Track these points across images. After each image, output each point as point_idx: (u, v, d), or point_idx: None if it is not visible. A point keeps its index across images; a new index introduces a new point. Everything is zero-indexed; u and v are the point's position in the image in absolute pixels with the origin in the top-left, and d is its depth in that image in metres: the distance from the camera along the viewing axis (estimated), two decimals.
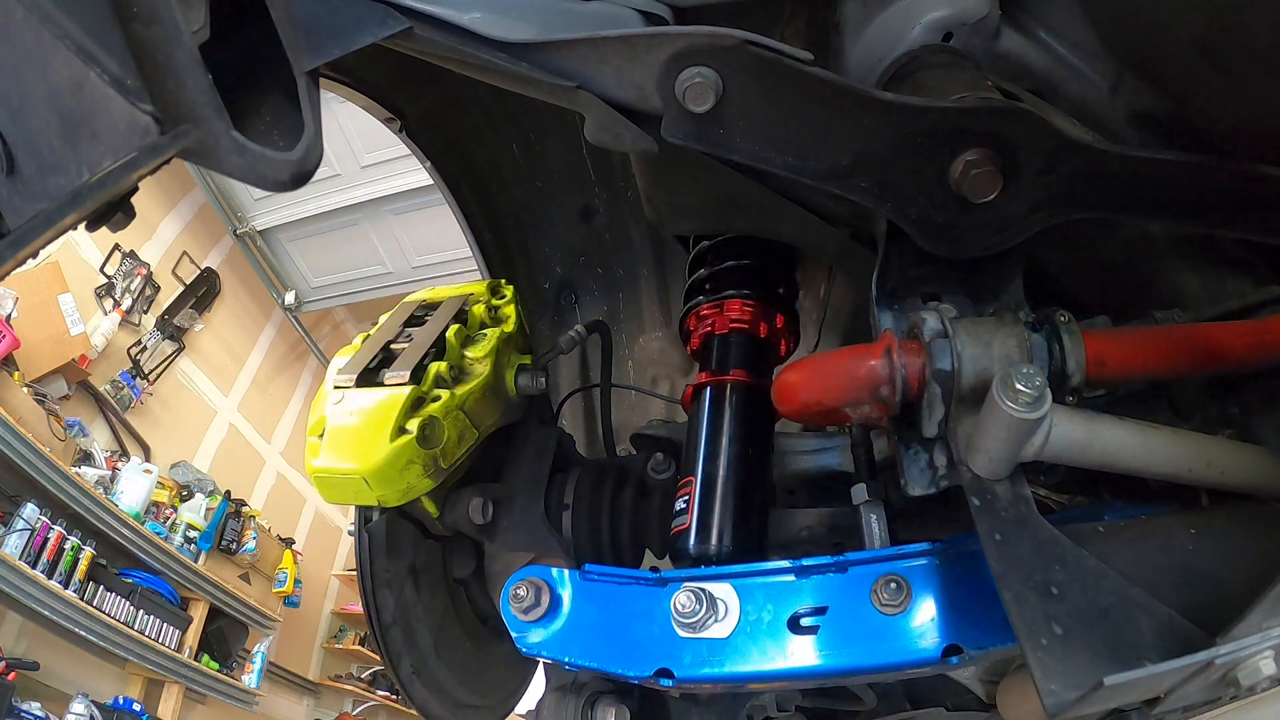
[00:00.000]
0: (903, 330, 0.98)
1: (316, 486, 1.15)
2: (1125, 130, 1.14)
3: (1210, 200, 0.96)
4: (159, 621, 6.11)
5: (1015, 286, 1.06)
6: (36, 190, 0.57)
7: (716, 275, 1.39)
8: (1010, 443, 0.81)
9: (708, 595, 1.00)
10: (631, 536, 1.32)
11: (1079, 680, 0.68)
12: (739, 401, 1.26)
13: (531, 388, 1.34)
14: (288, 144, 0.70)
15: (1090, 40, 1.13)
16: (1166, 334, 0.93)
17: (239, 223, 7.46)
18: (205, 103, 0.62)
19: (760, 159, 0.96)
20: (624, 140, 0.96)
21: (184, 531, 6.68)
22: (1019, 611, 0.73)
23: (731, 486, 1.19)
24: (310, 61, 0.74)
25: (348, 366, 1.23)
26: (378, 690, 8.82)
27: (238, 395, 8.18)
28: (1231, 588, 0.77)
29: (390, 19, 0.83)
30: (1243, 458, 0.88)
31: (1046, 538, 0.79)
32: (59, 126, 0.56)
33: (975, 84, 0.99)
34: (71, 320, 5.83)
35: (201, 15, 0.62)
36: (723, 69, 0.90)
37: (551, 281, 2.08)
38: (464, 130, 1.80)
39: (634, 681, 1.04)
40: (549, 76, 0.91)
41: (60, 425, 5.58)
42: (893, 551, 0.99)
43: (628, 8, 1.00)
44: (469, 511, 1.22)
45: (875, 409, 0.95)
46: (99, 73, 0.57)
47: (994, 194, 0.94)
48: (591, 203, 1.96)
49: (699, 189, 1.22)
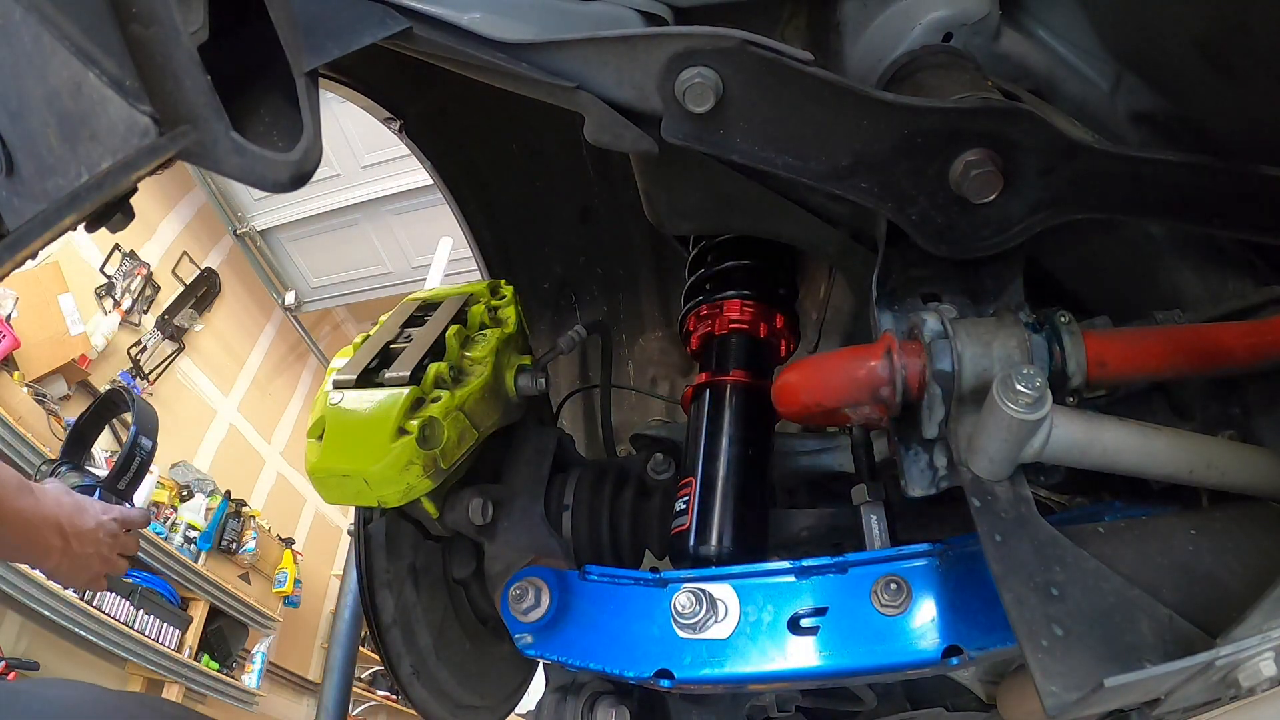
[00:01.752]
0: (903, 331, 0.98)
1: (316, 487, 1.15)
2: (1125, 130, 1.14)
3: (1211, 200, 0.96)
4: (159, 621, 6.12)
5: (1016, 287, 1.06)
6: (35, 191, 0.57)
7: (716, 276, 1.39)
8: (1010, 444, 0.81)
9: (708, 596, 1.00)
10: (631, 537, 1.32)
11: (1079, 681, 0.67)
12: (739, 402, 1.26)
13: (531, 388, 1.33)
14: (287, 145, 0.70)
15: (1090, 40, 1.13)
16: (1167, 334, 0.93)
17: (239, 223, 7.46)
18: (204, 104, 0.62)
19: (760, 159, 0.96)
20: (624, 140, 0.96)
21: (184, 531, 6.68)
22: (1019, 613, 0.73)
23: (731, 487, 1.19)
24: (309, 62, 0.74)
25: (347, 367, 1.22)
26: (378, 690, 8.82)
27: (238, 395, 8.18)
28: (1232, 589, 0.77)
29: (389, 19, 0.83)
30: (1244, 458, 0.88)
31: (1047, 539, 0.79)
32: (58, 127, 0.56)
33: (976, 84, 0.99)
34: (71, 320, 5.83)
35: (200, 16, 0.62)
36: (723, 69, 0.90)
37: (551, 281, 2.08)
38: (464, 130, 1.79)
39: (634, 682, 1.03)
40: (548, 77, 0.91)
41: (60, 425, 5.58)
42: (893, 552, 0.99)
43: (628, 8, 1.00)
44: (469, 512, 1.22)
45: (875, 410, 0.95)
46: (98, 74, 0.57)
47: (994, 194, 0.94)
48: (591, 203, 1.96)
49: (699, 189, 1.22)
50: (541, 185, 1.92)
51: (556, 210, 1.97)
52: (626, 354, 2.11)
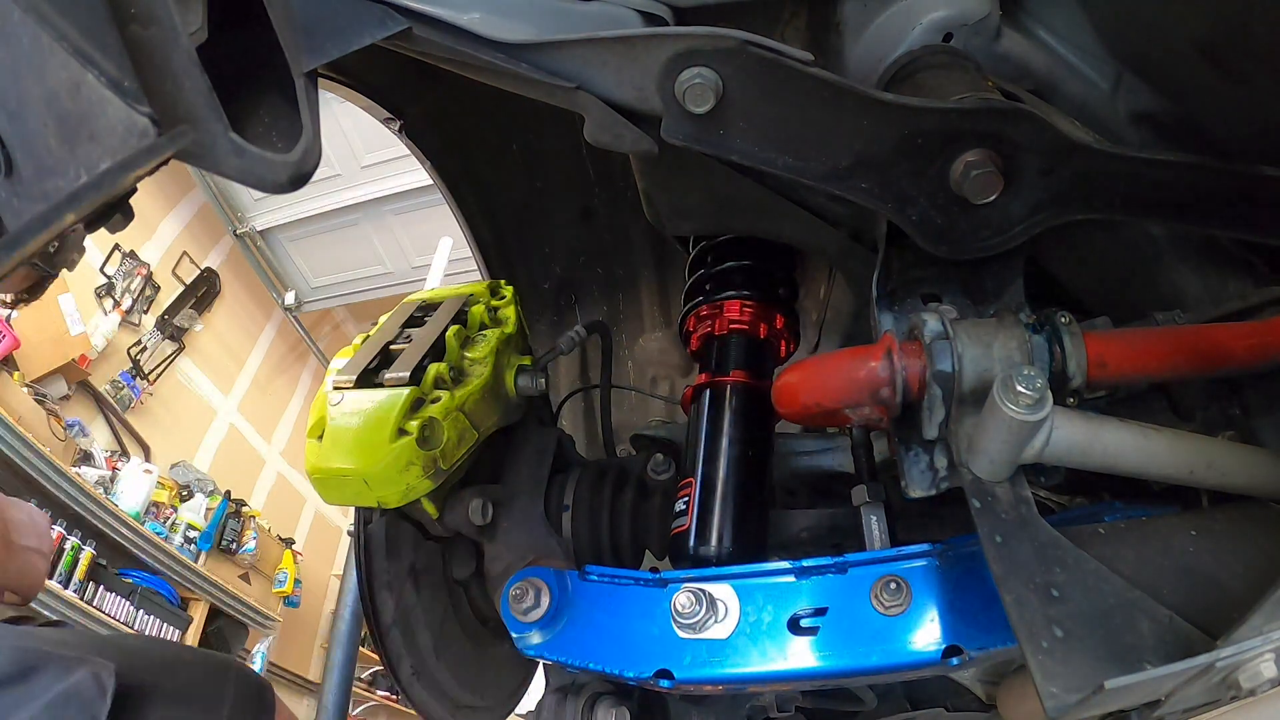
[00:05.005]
0: (903, 331, 0.98)
1: (316, 488, 1.15)
2: (1126, 131, 1.14)
3: (1211, 201, 0.95)
4: (159, 622, 6.10)
5: (1016, 288, 1.06)
6: (35, 192, 0.57)
7: (716, 276, 1.39)
8: (1011, 445, 0.81)
9: (708, 596, 1.00)
10: (631, 537, 1.32)
11: (1080, 683, 0.67)
12: (739, 402, 1.26)
13: (531, 389, 1.33)
14: (286, 145, 0.70)
15: (1091, 40, 1.13)
16: (1167, 335, 0.93)
17: (239, 223, 7.46)
18: (203, 104, 0.62)
19: (760, 160, 0.96)
20: (623, 141, 0.96)
21: (184, 531, 6.67)
22: (1019, 613, 0.73)
23: (731, 487, 1.19)
24: (309, 62, 0.74)
25: (347, 368, 1.22)
26: (378, 690, 8.82)
27: (238, 395, 8.18)
28: (1232, 590, 0.77)
29: (389, 19, 0.83)
30: (1244, 459, 0.88)
31: (1047, 539, 0.79)
32: (57, 128, 0.56)
33: (976, 84, 0.99)
34: (71, 320, 5.82)
35: (199, 16, 0.62)
36: (722, 70, 0.90)
37: (551, 282, 2.08)
38: (464, 130, 1.79)
39: (634, 683, 1.03)
40: (548, 77, 0.91)
41: (60, 425, 5.58)
42: (893, 553, 0.98)
43: (627, 8, 1.00)
44: (469, 513, 1.22)
45: (876, 410, 0.95)
46: (96, 74, 0.57)
47: (995, 195, 0.94)
48: (591, 203, 1.96)
49: (699, 190, 1.22)
50: (541, 185, 1.92)
51: (556, 210, 1.97)
52: (626, 354, 2.11)
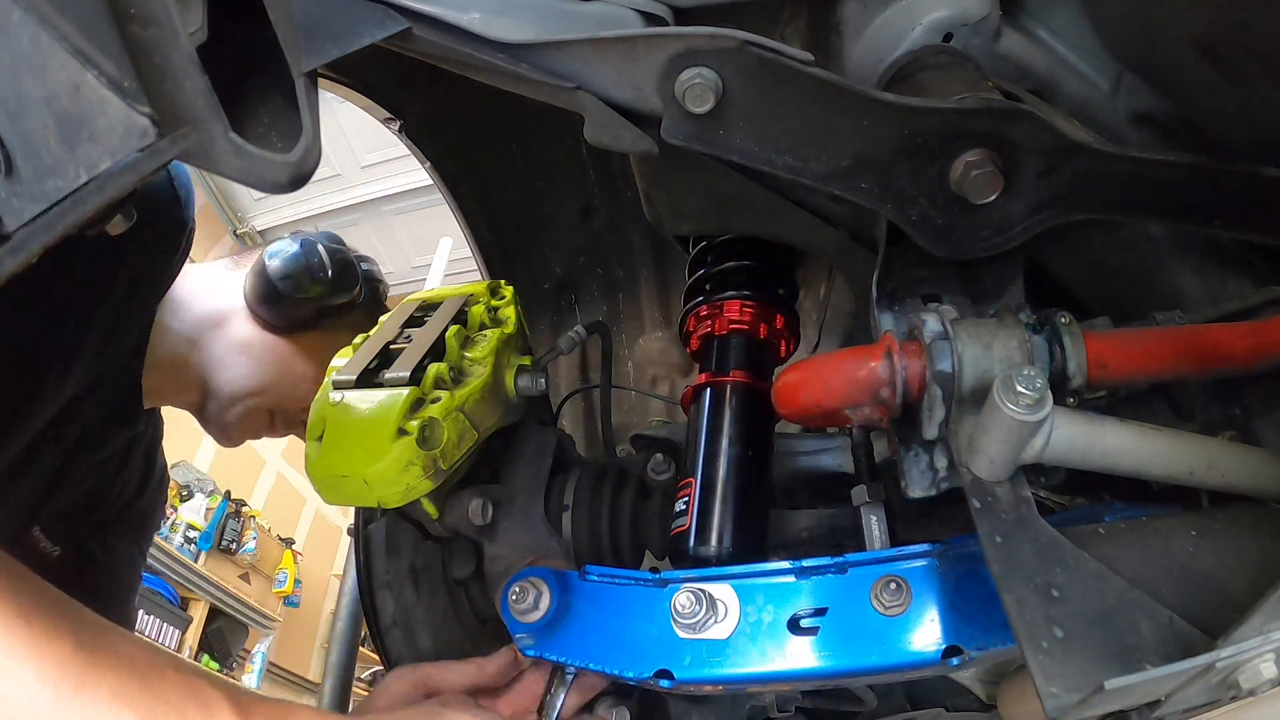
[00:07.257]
0: (903, 332, 0.98)
1: (315, 488, 1.15)
2: (1126, 131, 1.14)
3: (1212, 201, 0.95)
4: (159, 621, 6.11)
5: (1016, 288, 1.06)
6: (35, 192, 0.57)
7: (716, 276, 1.39)
8: (1011, 445, 0.81)
9: (708, 596, 1.00)
10: (631, 538, 1.32)
11: (1080, 683, 0.67)
12: (739, 403, 1.26)
13: (531, 389, 1.33)
14: (286, 145, 0.70)
15: (1091, 40, 1.13)
16: (1167, 335, 0.93)
17: (239, 223, 7.47)
18: (203, 105, 0.62)
19: (760, 160, 0.96)
20: (623, 141, 0.96)
21: (184, 531, 6.68)
22: (1019, 614, 0.73)
23: (731, 488, 1.19)
24: (308, 63, 0.74)
25: (347, 367, 1.22)
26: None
27: None
28: (1232, 590, 0.77)
29: (389, 19, 0.83)
30: (1244, 459, 0.88)
31: (1047, 540, 0.79)
32: (57, 129, 0.56)
33: (976, 85, 0.99)
34: None
35: (199, 16, 0.61)
36: (723, 70, 0.90)
37: (551, 282, 2.08)
38: (464, 130, 1.79)
39: (634, 683, 1.03)
40: (548, 77, 0.91)
41: None
42: (893, 553, 0.98)
43: (627, 8, 1.00)
44: (469, 513, 1.22)
45: (876, 411, 0.95)
46: (96, 74, 0.57)
47: (995, 195, 0.94)
48: (591, 203, 1.96)
49: (699, 190, 1.22)
50: (541, 185, 1.92)
51: (556, 210, 1.97)
52: (626, 354, 2.11)
